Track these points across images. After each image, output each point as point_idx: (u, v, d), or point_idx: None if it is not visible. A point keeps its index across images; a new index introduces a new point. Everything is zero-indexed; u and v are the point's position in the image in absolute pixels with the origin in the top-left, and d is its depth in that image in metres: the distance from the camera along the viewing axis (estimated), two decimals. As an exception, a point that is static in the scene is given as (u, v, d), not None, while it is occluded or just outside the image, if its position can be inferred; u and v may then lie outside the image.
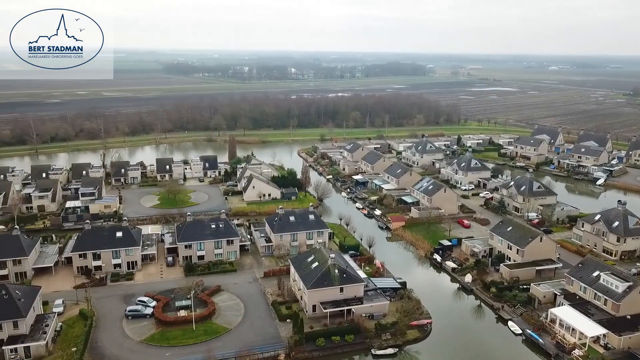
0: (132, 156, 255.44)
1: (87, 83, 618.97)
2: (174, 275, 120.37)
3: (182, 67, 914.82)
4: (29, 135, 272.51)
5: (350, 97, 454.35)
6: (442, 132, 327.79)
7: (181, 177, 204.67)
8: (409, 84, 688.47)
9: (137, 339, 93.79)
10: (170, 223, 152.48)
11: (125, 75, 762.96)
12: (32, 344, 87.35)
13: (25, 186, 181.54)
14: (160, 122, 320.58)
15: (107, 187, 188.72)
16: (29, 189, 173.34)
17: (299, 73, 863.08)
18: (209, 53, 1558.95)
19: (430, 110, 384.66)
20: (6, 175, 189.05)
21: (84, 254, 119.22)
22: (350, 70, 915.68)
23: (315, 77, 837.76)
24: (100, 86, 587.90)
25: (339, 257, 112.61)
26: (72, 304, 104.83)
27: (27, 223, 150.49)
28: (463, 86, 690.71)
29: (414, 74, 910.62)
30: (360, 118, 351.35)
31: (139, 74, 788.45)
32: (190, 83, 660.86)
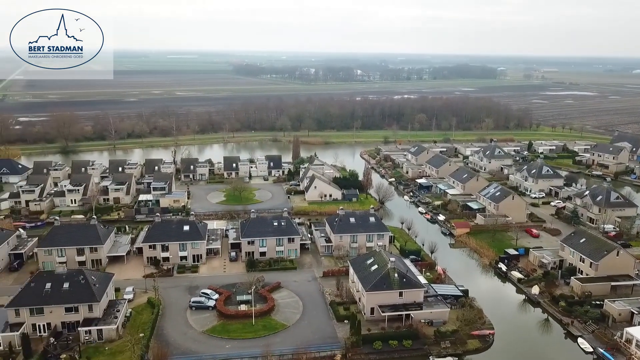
0: (201, 154, 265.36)
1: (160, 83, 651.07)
2: (236, 270, 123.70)
3: (251, 68, 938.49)
4: (108, 131, 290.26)
5: (417, 99, 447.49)
6: (511, 137, 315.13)
7: (247, 176, 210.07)
8: (478, 87, 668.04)
9: (199, 329, 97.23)
10: (234, 219, 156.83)
11: (196, 75, 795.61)
12: (105, 327, 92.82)
13: (103, 179, 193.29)
14: (229, 121, 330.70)
15: (177, 183, 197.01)
16: (106, 181, 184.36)
17: (365, 75, 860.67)
18: (277, 55, 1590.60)
19: (499, 114, 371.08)
20: (87, 168, 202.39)
21: (154, 245, 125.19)
22: (417, 72, 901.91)
23: (381, 78, 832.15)
24: (174, 86, 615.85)
25: (399, 261, 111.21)
26: (141, 292, 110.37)
27: (103, 214, 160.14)
28: (536, 90, 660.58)
29: (484, 76, 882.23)
30: (426, 120, 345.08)
31: (210, 75, 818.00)
32: (258, 84, 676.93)
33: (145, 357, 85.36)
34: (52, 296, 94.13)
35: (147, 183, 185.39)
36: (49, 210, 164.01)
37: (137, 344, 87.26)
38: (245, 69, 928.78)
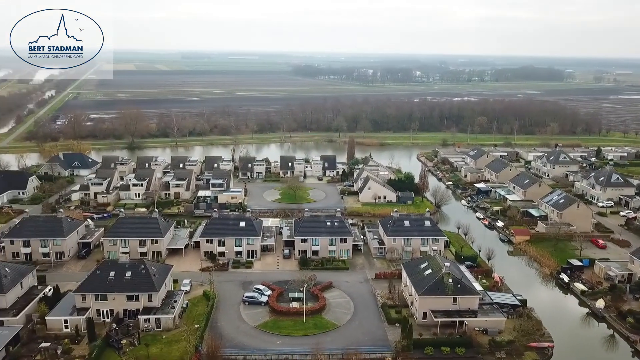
0: (259, 152, 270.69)
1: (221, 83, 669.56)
2: (289, 268, 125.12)
3: (309, 69, 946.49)
4: (171, 129, 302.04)
5: (477, 101, 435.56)
6: (578, 143, 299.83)
7: (302, 175, 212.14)
8: (543, 90, 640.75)
9: (251, 324, 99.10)
10: (289, 217, 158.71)
11: (256, 76, 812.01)
12: (163, 317, 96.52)
13: (165, 174, 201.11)
14: (286, 121, 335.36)
15: (235, 180, 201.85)
16: (168, 177, 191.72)
17: (424, 76, 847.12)
18: (336, 56, 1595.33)
19: (566, 118, 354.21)
20: (150, 163, 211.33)
21: (211, 239, 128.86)
22: (479, 74, 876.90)
23: (441, 80, 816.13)
24: (235, 86, 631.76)
25: (454, 266, 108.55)
26: (197, 285, 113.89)
27: (164, 207, 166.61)
28: (607, 93, 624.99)
29: (550, 79, 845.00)
30: (486, 124, 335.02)
31: (270, 75, 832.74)
32: (315, 85, 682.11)
33: (200, 347, 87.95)
34: (116, 284, 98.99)
35: (207, 179, 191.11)
36: (115, 203, 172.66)
37: (192, 334, 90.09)
38: (303, 70, 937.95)
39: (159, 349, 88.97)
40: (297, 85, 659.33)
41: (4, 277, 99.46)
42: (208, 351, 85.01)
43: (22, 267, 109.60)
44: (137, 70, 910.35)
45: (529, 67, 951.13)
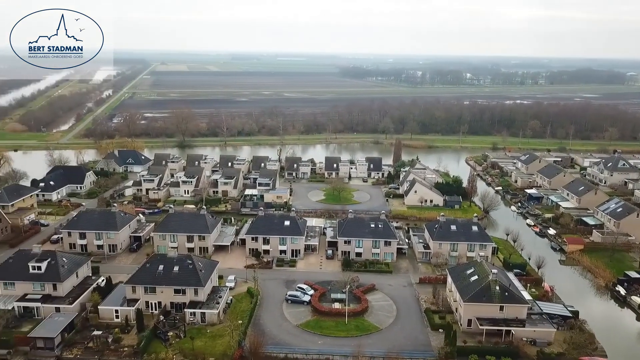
0: (304, 153, 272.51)
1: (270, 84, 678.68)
2: (332, 268, 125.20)
3: (357, 70, 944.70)
4: (221, 128, 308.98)
5: (530, 104, 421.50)
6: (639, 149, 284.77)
7: (346, 176, 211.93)
8: (602, 93, 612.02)
9: (294, 322, 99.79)
10: (333, 218, 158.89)
11: (304, 77, 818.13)
12: (208, 311, 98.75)
13: (213, 173, 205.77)
14: (332, 122, 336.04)
15: (281, 180, 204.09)
16: (216, 175, 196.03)
17: (475, 78, 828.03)
18: (384, 58, 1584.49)
19: (626, 123, 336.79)
20: (200, 162, 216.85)
21: (256, 237, 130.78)
22: (533, 76, 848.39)
23: (492, 82, 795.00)
24: (283, 87, 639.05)
25: (501, 273, 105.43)
26: (242, 282, 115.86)
27: (212, 205, 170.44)
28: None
29: (610, 82, 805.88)
30: (539, 128, 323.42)
31: (317, 77, 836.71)
32: (363, 86, 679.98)
33: (243, 343, 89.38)
34: (164, 277, 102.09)
35: (253, 179, 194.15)
36: (165, 199, 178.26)
37: (236, 330, 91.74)
38: (351, 71, 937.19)
39: (203, 343, 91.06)
40: (344, 87, 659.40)
41: (62, 267, 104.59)
42: (250, 347, 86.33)
43: (78, 257, 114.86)
44: (189, 71, 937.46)
45: (586, 70, 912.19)
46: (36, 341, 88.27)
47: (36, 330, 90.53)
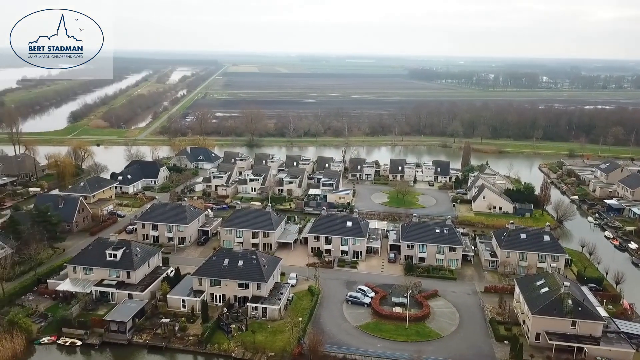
0: (369, 155, 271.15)
1: (337, 86, 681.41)
2: (394, 272, 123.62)
3: (426, 72, 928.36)
4: (288, 129, 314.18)
5: (613, 110, 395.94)
6: None
7: (412, 179, 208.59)
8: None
9: (353, 323, 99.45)
10: (396, 221, 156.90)
11: (372, 79, 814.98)
12: (269, 307, 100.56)
13: (279, 172, 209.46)
14: (399, 124, 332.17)
15: (344, 181, 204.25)
16: (282, 174, 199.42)
17: (552, 82, 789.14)
18: (455, 60, 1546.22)
19: None
20: (267, 161, 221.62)
21: (318, 236, 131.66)
22: (617, 80, 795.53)
23: (571, 86, 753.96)
24: (350, 89, 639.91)
25: (575, 287, 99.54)
26: (303, 279, 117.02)
27: (277, 203, 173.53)
28: None
29: None
30: (622, 135, 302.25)
31: (385, 79, 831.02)
32: (431, 89, 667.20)
33: (302, 340, 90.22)
34: (229, 271, 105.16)
35: (317, 179, 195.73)
36: (233, 195, 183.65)
37: (296, 326, 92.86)
38: (420, 73, 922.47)
39: (264, 337, 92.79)
40: (412, 89, 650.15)
41: (135, 256, 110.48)
42: (310, 345, 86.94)
43: (150, 248, 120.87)
44: (259, 72, 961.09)
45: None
46: (110, 324, 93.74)
47: (110, 314, 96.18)
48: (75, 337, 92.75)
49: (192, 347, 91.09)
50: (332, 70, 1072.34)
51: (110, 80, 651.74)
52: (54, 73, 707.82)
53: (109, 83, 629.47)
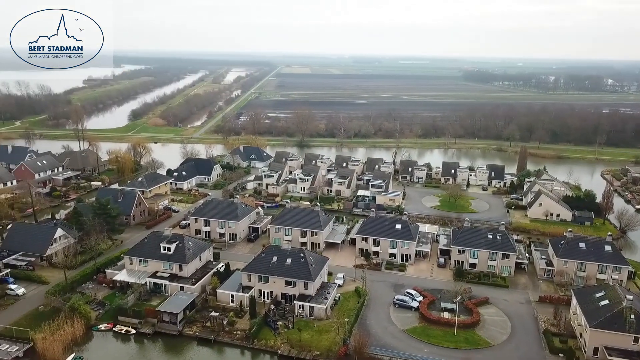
0: (420, 157, 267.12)
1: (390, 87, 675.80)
2: (443, 277, 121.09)
3: (482, 74, 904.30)
4: (338, 129, 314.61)
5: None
6: None
7: (464, 183, 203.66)
8: None
9: (400, 327, 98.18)
10: (447, 225, 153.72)
11: (425, 81, 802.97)
12: (316, 306, 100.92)
13: (329, 172, 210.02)
14: (452, 127, 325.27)
15: (394, 183, 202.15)
16: (331, 174, 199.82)
17: (617, 84, 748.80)
18: (512, 61, 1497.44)
19: None
20: (316, 161, 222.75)
21: (366, 238, 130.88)
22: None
23: (639, 89, 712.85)
24: (403, 90, 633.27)
25: (638, 301, 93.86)
26: (350, 280, 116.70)
27: (325, 203, 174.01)
28: None
29: None
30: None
31: (439, 80, 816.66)
32: (487, 91, 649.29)
33: (348, 341, 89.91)
34: (277, 268, 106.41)
35: (367, 180, 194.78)
36: (283, 194, 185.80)
37: (342, 327, 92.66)
38: (475, 75, 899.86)
39: (310, 336, 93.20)
40: (467, 91, 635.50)
41: (187, 250, 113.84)
42: (355, 346, 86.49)
43: (202, 242, 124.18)
44: (311, 73, 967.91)
45: None
46: (162, 315, 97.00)
47: (163, 305, 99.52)
48: (130, 325, 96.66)
49: (239, 342, 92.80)
50: (384, 71, 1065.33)
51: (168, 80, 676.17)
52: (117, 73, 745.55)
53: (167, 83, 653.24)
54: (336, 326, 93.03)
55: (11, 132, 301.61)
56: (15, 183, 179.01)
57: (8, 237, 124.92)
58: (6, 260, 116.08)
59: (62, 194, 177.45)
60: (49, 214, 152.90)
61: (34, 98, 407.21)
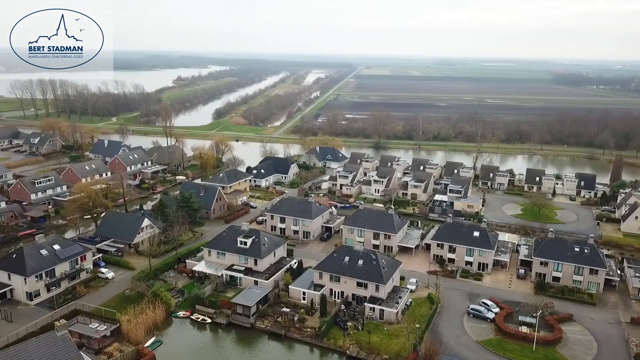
0: (503, 163, 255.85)
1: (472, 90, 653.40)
2: (522, 289, 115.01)
3: (574, 78, 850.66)
4: (416, 132, 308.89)
5: None
6: None
7: (550, 192, 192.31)
8: None
9: (474, 338, 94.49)
10: (528, 235, 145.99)
11: (511, 84, 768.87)
12: (386, 309, 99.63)
13: (404, 175, 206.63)
14: (539, 132, 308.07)
15: (473, 188, 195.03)
16: (407, 177, 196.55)
17: None
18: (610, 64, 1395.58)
19: None
20: (392, 163, 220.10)
21: (442, 244, 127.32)
22: None
23: None
24: (486, 93, 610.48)
25: None
26: (423, 286, 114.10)
27: (400, 206, 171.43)
28: None
29: None
30: None
31: (526, 84, 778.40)
32: (580, 95, 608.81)
33: (418, 347, 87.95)
34: (348, 269, 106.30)
35: (445, 184, 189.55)
36: (356, 195, 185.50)
37: (412, 332, 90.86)
38: (566, 78, 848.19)
39: (379, 339, 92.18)
40: (556, 95, 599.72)
41: (263, 245, 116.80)
42: (425, 353, 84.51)
43: (277, 239, 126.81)
44: (391, 75, 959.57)
45: None
46: (237, 307, 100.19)
47: (238, 297, 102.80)
48: (206, 314, 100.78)
49: (309, 339, 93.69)
50: (467, 73, 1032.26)
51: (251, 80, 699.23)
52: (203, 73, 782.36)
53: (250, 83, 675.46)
54: (407, 331, 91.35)
55: (108, 128, 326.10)
56: (109, 174, 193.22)
57: (102, 224, 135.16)
58: (99, 245, 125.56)
59: (149, 187, 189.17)
60: (137, 205, 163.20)
61: (128, 96, 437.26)
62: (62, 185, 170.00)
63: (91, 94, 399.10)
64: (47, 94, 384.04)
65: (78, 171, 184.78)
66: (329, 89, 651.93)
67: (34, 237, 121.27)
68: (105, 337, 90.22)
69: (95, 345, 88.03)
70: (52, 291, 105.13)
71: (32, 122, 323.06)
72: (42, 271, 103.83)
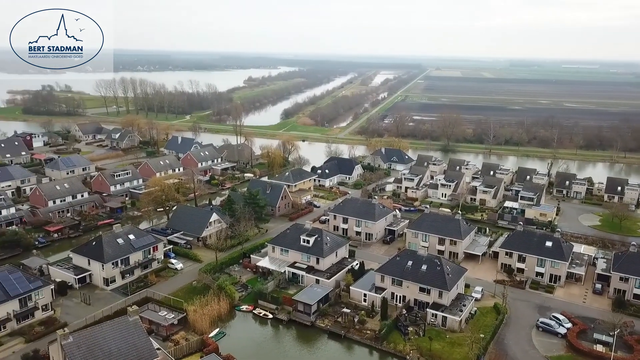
0: (580, 170, 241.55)
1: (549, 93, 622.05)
2: (599, 305, 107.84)
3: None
4: (487, 135, 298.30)
5: None
6: None
7: (633, 203, 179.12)
8: None
9: (543, 353, 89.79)
10: (607, 248, 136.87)
11: (592, 87, 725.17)
12: (449, 317, 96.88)
13: (473, 179, 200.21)
14: (622, 139, 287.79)
15: (547, 196, 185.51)
16: (476, 182, 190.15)
17: None
18: None
19: None
20: (461, 167, 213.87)
21: (511, 253, 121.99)
22: None
23: None
24: (564, 97, 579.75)
25: None
26: (489, 295, 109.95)
27: (468, 212, 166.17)
28: None
29: None
30: None
31: (609, 87, 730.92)
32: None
33: (481, 358, 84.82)
34: (411, 273, 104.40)
35: (516, 191, 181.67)
36: (422, 199, 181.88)
37: (476, 342, 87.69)
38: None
39: (441, 347, 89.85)
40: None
41: (325, 244, 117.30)
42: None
43: (339, 239, 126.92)
44: (462, 77, 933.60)
45: None
46: (298, 304, 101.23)
47: (299, 295, 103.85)
48: (268, 310, 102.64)
49: (368, 341, 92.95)
50: (544, 76, 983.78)
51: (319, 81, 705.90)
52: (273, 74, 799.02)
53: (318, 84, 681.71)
54: (470, 340, 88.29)
55: (182, 125, 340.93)
56: (181, 170, 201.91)
57: (173, 217, 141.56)
58: (170, 237, 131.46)
59: (219, 183, 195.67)
60: (206, 200, 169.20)
61: (202, 95, 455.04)
62: (139, 178, 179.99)
63: (167, 92, 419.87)
64: (128, 92, 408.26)
65: (153, 166, 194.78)
66: (397, 90, 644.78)
67: (111, 226, 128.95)
68: (173, 325, 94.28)
69: (163, 332, 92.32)
70: (126, 278, 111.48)
71: (114, 119, 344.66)
72: (118, 259, 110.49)
